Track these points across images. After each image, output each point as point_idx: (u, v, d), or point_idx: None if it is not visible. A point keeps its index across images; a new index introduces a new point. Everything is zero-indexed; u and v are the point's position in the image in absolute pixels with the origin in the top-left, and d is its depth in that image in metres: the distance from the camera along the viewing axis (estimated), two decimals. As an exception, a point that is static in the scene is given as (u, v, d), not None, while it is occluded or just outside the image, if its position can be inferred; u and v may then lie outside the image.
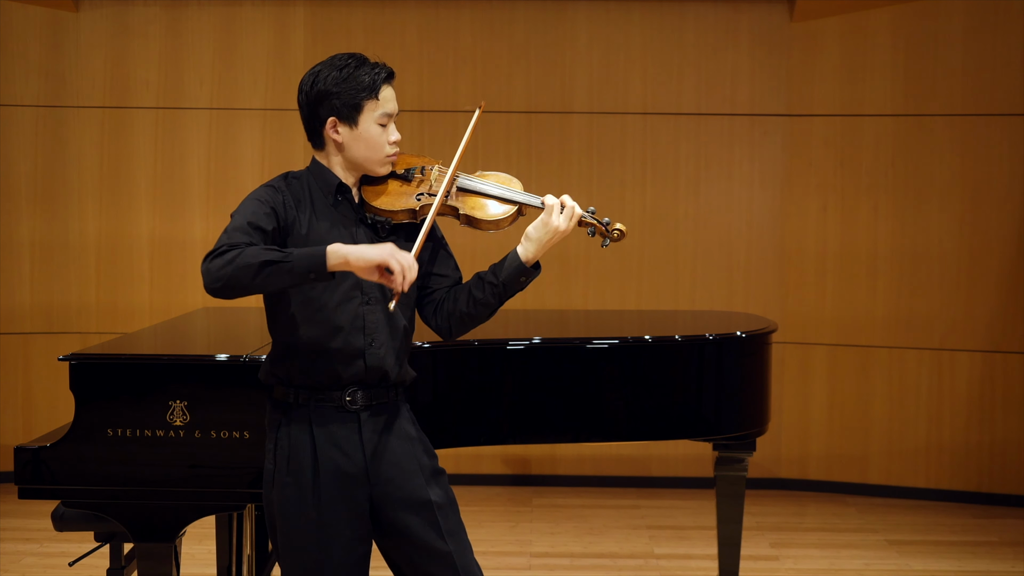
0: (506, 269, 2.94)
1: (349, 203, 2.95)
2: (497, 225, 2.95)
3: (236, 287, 2.68)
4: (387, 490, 2.92)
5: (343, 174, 2.95)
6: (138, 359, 3.48)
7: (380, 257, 2.67)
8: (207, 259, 2.70)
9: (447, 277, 3.05)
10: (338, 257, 2.68)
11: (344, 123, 2.89)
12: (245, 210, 2.83)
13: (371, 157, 2.92)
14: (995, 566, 5.47)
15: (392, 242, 2.86)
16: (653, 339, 4.04)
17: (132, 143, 6.74)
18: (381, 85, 2.90)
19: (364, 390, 2.90)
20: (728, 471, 4.39)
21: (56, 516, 3.57)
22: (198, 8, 6.72)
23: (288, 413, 2.91)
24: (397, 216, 2.94)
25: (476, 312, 2.98)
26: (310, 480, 2.88)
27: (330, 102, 2.88)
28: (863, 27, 6.56)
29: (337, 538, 2.88)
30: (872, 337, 6.62)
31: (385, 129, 2.91)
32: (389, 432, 2.94)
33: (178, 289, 6.73)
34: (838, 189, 6.65)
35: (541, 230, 2.91)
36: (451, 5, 6.73)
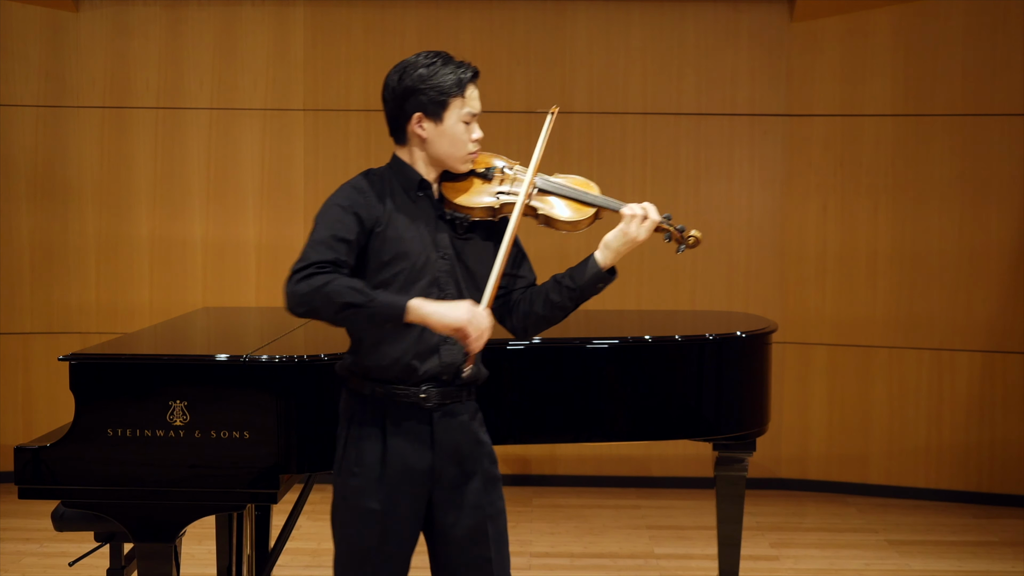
0: (583, 274, 2.99)
1: (429, 199, 2.99)
2: (575, 227, 3.00)
3: (316, 316, 2.81)
4: (447, 491, 2.98)
5: (424, 170, 2.99)
6: (138, 359, 3.48)
7: (458, 321, 2.78)
8: (293, 279, 2.78)
9: (523, 279, 3.10)
10: (416, 315, 2.79)
11: (429, 119, 2.94)
12: (328, 219, 2.89)
13: (453, 154, 2.97)
14: (995, 566, 5.47)
15: (469, 240, 2.97)
16: (653, 339, 4.04)
17: (132, 143, 6.74)
18: (468, 84, 2.96)
19: (438, 387, 2.95)
20: (728, 471, 4.39)
21: (56, 516, 3.57)
22: (198, 8, 6.72)
23: (362, 405, 2.96)
24: (475, 213, 2.98)
25: (551, 315, 3.04)
26: (377, 473, 2.93)
27: (417, 98, 2.93)
28: (863, 27, 6.56)
29: (395, 533, 2.94)
30: (872, 337, 6.62)
31: (468, 127, 2.97)
32: (460, 434, 2.99)
33: (178, 289, 6.74)
34: (838, 189, 6.65)
35: (620, 239, 2.97)
36: (451, 5, 6.73)
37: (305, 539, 5.67)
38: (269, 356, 3.43)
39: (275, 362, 3.41)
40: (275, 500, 3.43)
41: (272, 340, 3.85)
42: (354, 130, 6.75)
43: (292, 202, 6.77)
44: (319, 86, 6.75)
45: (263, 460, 3.36)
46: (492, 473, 3.04)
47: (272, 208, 6.77)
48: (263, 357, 3.42)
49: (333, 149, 6.76)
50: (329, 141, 6.76)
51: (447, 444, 2.96)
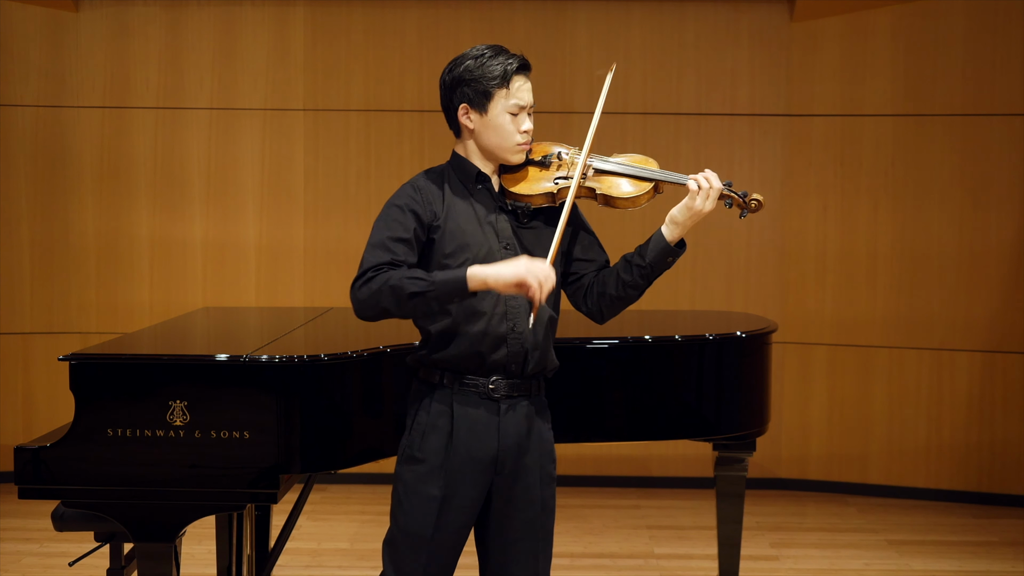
0: (652, 250, 3.04)
1: (488, 191, 3.03)
2: (634, 203, 3.04)
3: (386, 315, 2.87)
4: (508, 483, 3.03)
5: (480, 163, 3.04)
6: (138, 359, 3.48)
7: (516, 275, 2.79)
8: (354, 287, 2.85)
9: (593, 262, 3.14)
10: (477, 281, 2.81)
11: (475, 110, 2.99)
12: (385, 221, 2.94)
13: (501, 144, 3.00)
14: (995, 566, 5.47)
15: (532, 228, 3.01)
16: (653, 339, 4.04)
17: (132, 143, 6.74)
18: (512, 75, 2.99)
19: (507, 379, 2.99)
20: (728, 471, 4.39)
21: (56, 516, 3.57)
22: (198, 8, 6.72)
23: (431, 393, 3.01)
24: (535, 200, 3.01)
25: (626, 294, 3.07)
26: (441, 460, 2.98)
27: (462, 89, 2.98)
28: (863, 27, 6.56)
29: (451, 521, 2.99)
30: (872, 337, 6.62)
31: (515, 118, 3.00)
32: (527, 428, 3.04)
33: (178, 289, 6.74)
34: (838, 189, 6.65)
35: (685, 213, 3.02)
36: (451, 5, 6.73)
37: (305, 539, 5.67)
38: (269, 356, 3.43)
39: (275, 362, 3.41)
40: (275, 500, 3.43)
41: (272, 340, 3.85)
42: (354, 130, 6.75)
43: (292, 202, 6.77)
44: (319, 86, 6.75)
45: (263, 460, 3.36)
46: (550, 471, 3.12)
47: (272, 208, 6.77)
48: (263, 357, 3.42)
49: (333, 149, 6.76)
50: (329, 141, 6.76)
51: (512, 436, 3.01)
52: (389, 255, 2.88)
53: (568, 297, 3.16)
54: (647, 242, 3.05)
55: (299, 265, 6.78)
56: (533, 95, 3.05)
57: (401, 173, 6.70)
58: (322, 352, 3.48)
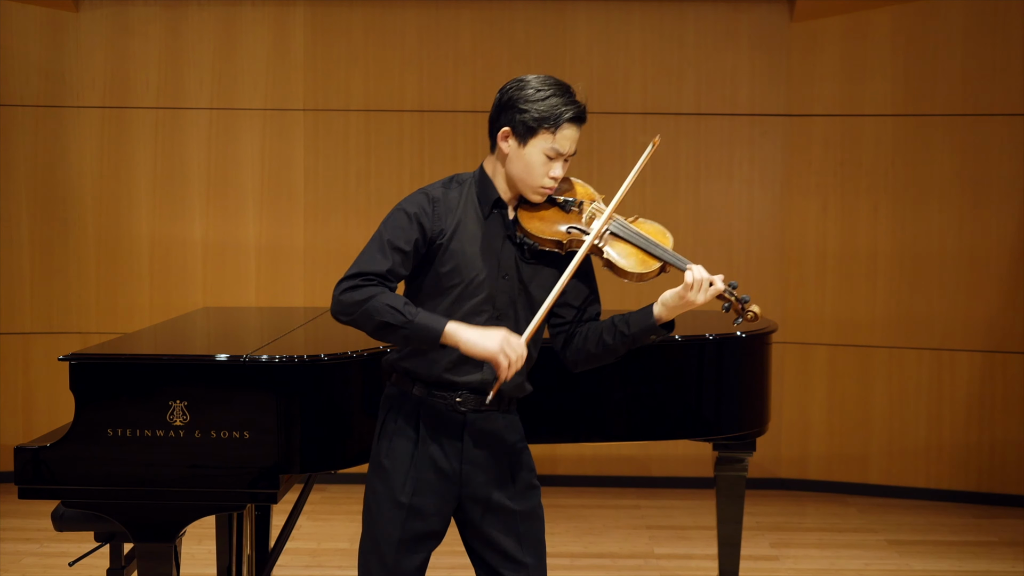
0: (637, 323, 2.99)
1: (502, 218, 3.00)
2: (639, 278, 2.99)
3: (356, 327, 2.88)
4: (475, 492, 3.01)
5: (503, 187, 3.00)
6: (138, 359, 3.48)
7: (489, 351, 2.81)
8: (342, 287, 2.85)
9: (582, 311, 3.09)
10: (452, 340, 2.83)
11: (515, 137, 2.94)
12: (390, 225, 2.93)
13: (525, 180, 2.95)
14: (995, 566, 5.47)
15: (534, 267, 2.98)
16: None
17: (132, 143, 6.74)
18: (564, 122, 2.92)
19: (475, 395, 2.98)
20: (728, 471, 4.39)
21: (56, 516, 3.57)
22: (198, 8, 6.72)
23: (400, 401, 3.01)
24: (544, 243, 2.98)
25: (602, 355, 3.04)
26: (407, 468, 2.98)
27: (511, 113, 2.94)
28: (863, 27, 6.56)
29: (417, 530, 2.99)
30: (872, 337, 6.62)
31: (550, 162, 2.94)
32: (492, 438, 3.02)
33: (178, 289, 6.74)
34: (838, 189, 6.65)
35: (676, 301, 2.96)
36: (451, 5, 6.73)
37: (305, 539, 5.67)
38: (269, 356, 3.43)
39: (275, 362, 3.41)
40: (275, 500, 3.43)
41: (272, 340, 3.85)
42: (354, 130, 6.75)
43: (292, 202, 6.77)
44: (319, 86, 6.75)
45: (263, 460, 3.36)
46: (528, 481, 3.07)
47: (272, 208, 6.77)
48: (263, 357, 3.42)
49: (333, 149, 6.76)
50: (329, 141, 6.76)
51: (478, 450, 3.00)
52: (385, 264, 2.87)
53: (550, 336, 3.13)
54: (637, 312, 3.01)
55: (299, 265, 6.78)
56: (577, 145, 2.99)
57: (401, 173, 6.70)
58: (322, 352, 3.48)
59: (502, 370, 2.81)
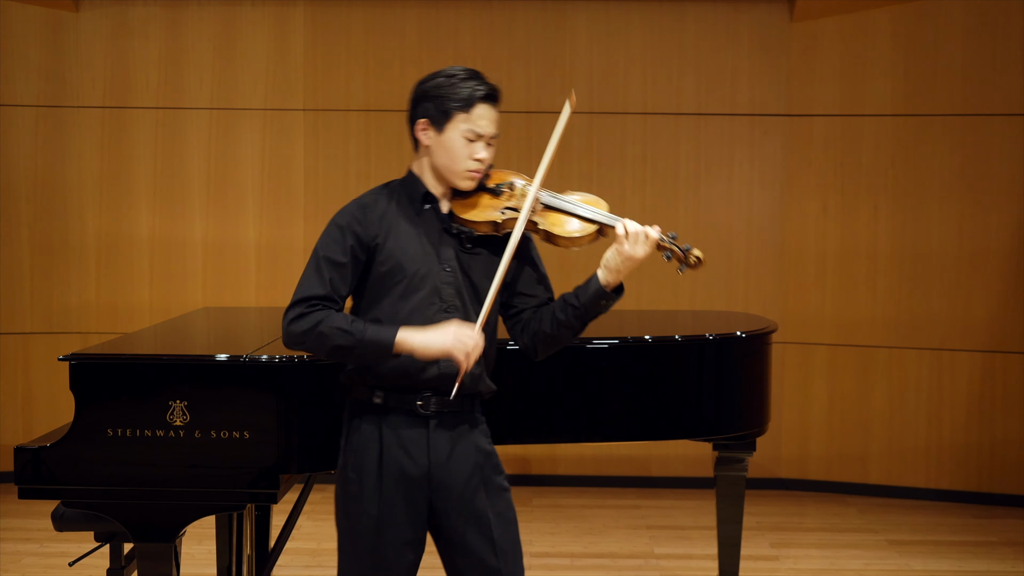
0: (587, 293, 2.98)
1: (435, 212, 3.00)
2: (575, 243, 2.98)
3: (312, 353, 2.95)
4: (446, 497, 2.97)
5: (432, 183, 3.01)
6: (138, 359, 3.48)
7: (443, 348, 2.83)
8: (288, 317, 2.89)
9: (534, 297, 3.08)
10: (405, 348, 2.85)
11: (432, 127, 2.96)
12: (324, 242, 2.95)
13: (450, 167, 2.96)
14: (995, 566, 5.47)
15: (477, 255, 2.98)
16: (653, 339, 4.03)
17: (132, 143, 6.74)
18: (477, 102, 2.93)
19: (437, 396, 2.95)
20: (728, 471, 4.39)
21: (56, 516, 3.57)
22: (198, 8, 6.72)
23: (362, 412, 2.99)
24: (479, 227, 2.98)
25: (559, 333, 3.02)
26: (374, 479, 2.95)
27: (425, 104, 2.96)
28: (863, 27, 6.56)
29: (392, 539, 2.94)
30: (872, 337, 6.62)
31: (471, 144, 2.94)
32: (458, 442, 2.98)
33: (178, 289, 6.74)
34: (838, 189, 6.65)
35: (617, 259, 2.94)
36: (451, 5, 6.73)
37: (305, 539, 5.67)
38: (269, 356, 3.43)
39: (275, 362, 3.41)
40: (275, 500, 3.43)
41: (272, 340, 3.85)
42: (354, 130, 6.75)
43: (292, 202, 6.77)
44: (319, 86, 6.75)
45: (263, 460, 3.36)
46: (497, 482, 3.02)
47: (272, 208, 6.77)
48: (263, 357, 3.42)
49: (333, 149, 6.76)
50: (329, 141, 6.76)
51: (443, 452, 2.96)
52: (324, 288, 2.88)
53: (506, 329, 3.11)
54: (584, 283, 2.98)
55: (299, 265, 6.76)
56: (497, 127, 2.98)
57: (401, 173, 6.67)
58: (322, 352, 3.47)
59: (460, 362, 2.82)
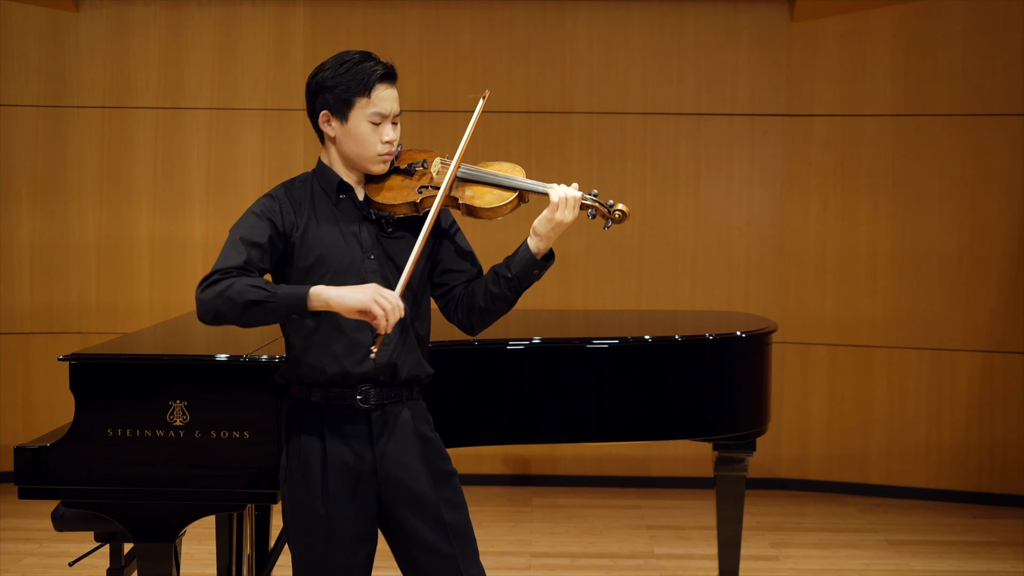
0: (518, 262, 2.92)
1: (351, 201, 2.95)
2: (496, 212, 2.93)
3: (224, 320, 2.77)
4: (394, 489, 2.94)
5: (344, 172, 2.96)
6: (138, 359, 3.48)
7: (362, 303, 2.71)
8: (200, 286, 2.76)
9: (463, 272, 3.04)
10: (319, 301, 2.73)
11: (336, 118, 2.91)
12: (241, 225, 2.87)
13: (362, 154, 2.92)
14: (995, 566, 5.47)
15: (398, 239, 2.93)
16: (653, 339, 4.03)
17: (132, 143, 6.74)
18: (375, 83, 2.89)
19: (376, 388, 2.91)
20: (728, 471, 4.39)
21: (56, 516, 3.57)
22: (198, 8, 6.72)
23: (301, 411, 2.95)
24: (398, 209, 2.94)
25: (494, 306, 2.98)
26: (319, 477, 2.91)
27: (324, 95, 2.91)
28: (863, 27, 6.56)
29: (343, 535, 2.90)
30: (872, 337, 6.62)
31: (378, 128, 2.91)
32: (400, 431, 2.95)
33: (178, 289, 6.73)
34: (838, 189, 6.65)
35: (546, 225, 2.88)
36: (451, 5, 6.73)
37: (305, 539, 5.66)
38: (269, 356, 3.43)
39: (275, 362, 3.41)
40: (275, 500, 3.43)
41: (272, 340, 3.85)
42: (354, 130, 6.74)
43: (292, 202, 6.76)
44: (319, 86, 6.74)
45: (263, 460, 3.36)
46: (444, 468, 2.99)
47: (272, 208, 6.76)
48: (263, 357, 3.42)
49: (333, 149, 6.75)
50: (329, 141, 6.75)
51: (387, 444, 2.93)
52: (241, 258, 2.79)
53: (439, 308, 3.07)
54: (514, 253, 2.93)
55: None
56: (399, 103, 2.94)
57: (401, 173, 6.70)
58: (322, 352, 3.47)
59: (379, 321, 2.71)
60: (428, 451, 2.98)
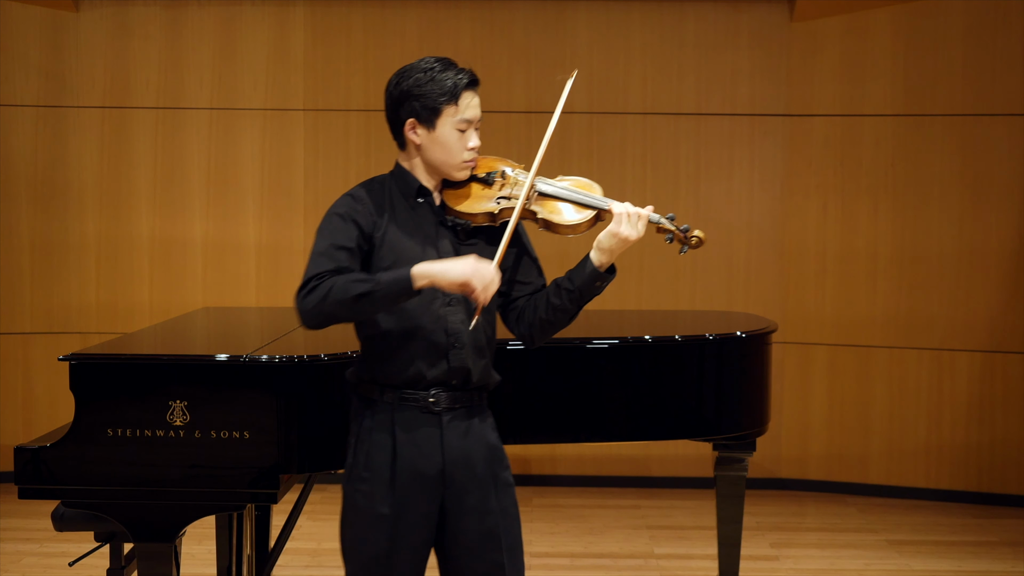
0: (580, 275, 2.96)
1: (429, 206, 2.97)
2: (574, 230, 2.96)
3: (335, 321, 2.81)
4: (459, 495, 2.95)
5: (424, 177, 2.97)
6: (138, 359, 3.48)
7: (463, 274, 2.74)
8: (299, 295, 2.79)
9: (529, 284, 3.06)
10: (423, 278, 2.76)
11: (422, 125, 2.92)
12: (327, 230, 2.89)
13: (448, 161, 2.94)
14: (995, 566, 5.47)
15: (472, 246, 2.95)
16: (653, 339, 4.04)
17: (132, 143, 6.74)
18: (462, 91, 2.92)
19: (448, 391, 2.93)
20: (728, 471, 4.39)
21: (56, 516, 3.57)
22: (198, 8, 6.72)
23: (372, 410, 2.95)
24: (476, 219, 2.96)
25: (555, 318, 3.00)
26: (387, 478, 2.91)
27: (410, 103, 2.91)
28: (863, 27, 6.56)
29: (405, 538, 2.91)
30: (872, 337, 6.62)
31: (463, 135, 2.93)
32: (470, 438, 2.97)
33: (178, 289, 6.74)
34: (838, 189, 6.65)
35: (610, 239, 2.92)
36: (451, 5, 6.73)
37: (305, 539, 5.67)
38: (269, 356, 3.43)
39: (275, 362, 3.41)
40: (275, 500, 3.43)
41: (272, 340, 3.85)
42: (354, 130, 6.75)
43: (292, 202, 6.77)
44: (319, 86, 6.75)
45: (263, 460, 3.36)
46: (505, 478, 3.03)
47: (272, 208, 6.77)
48: (263, 357, 3.42)
49: (333, 149, 6.76)
50: (329, 141, 6.76)
51: (457, 448, 2.94)
52: (332, 263, 2.82)
53: (502, 319, 3.09)
54: (577, 266, 2.96)
55: (299, 265, 6.73)
56: (481, 109, 2.98)
57: (401, 173, 6.70)
58: (322, 352, 3.48)
59: (478, 292, 2.74)
60: (494, 460, 3.01)
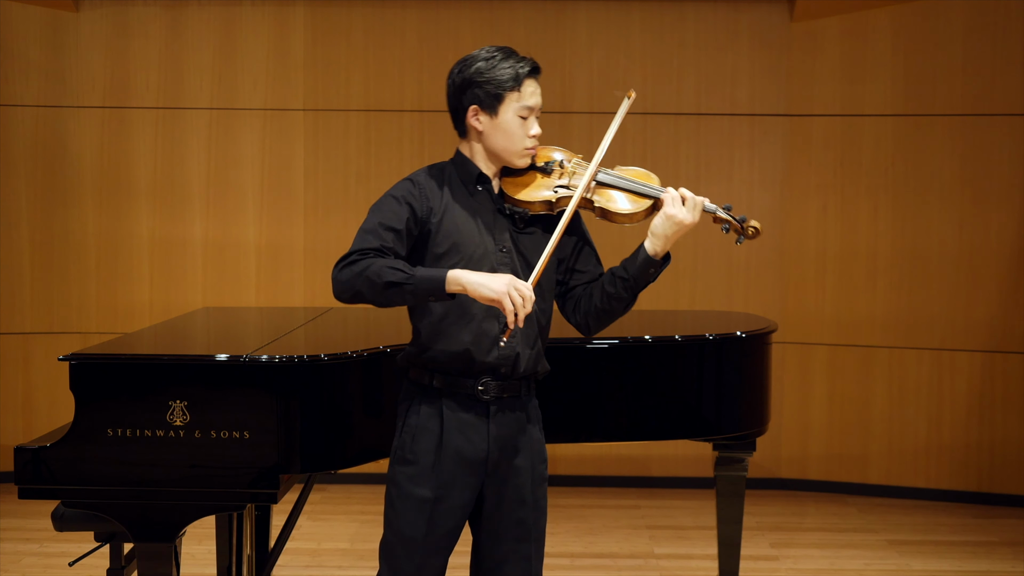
0: (635, 263, 3.00)
1: (488, 193, 3.01)
2: (631, 218, 3.00)
3: (362, 299, 2.84)
4: (499, 485, 3.01)
5: (484, 164, 3.02)
6: (138, 359, 3.48)
7: (496, 292, 2.76)
8: (338, 266, 2.83)
9: (587, 273, 3.10)
10: (456, 284, 2.79)
11: (485, 112, 2.97)
12: (380, 208, 2.94)
13: (509, 148, 2.98)
14: (995, 566, 5.47)
15: (530, 235, 2.99)
16: (653, 339, 4.04)
17: (132, 143, 6.74)
18: (524, 78, 2.97)
19: (496, 380, 2.97)
20: (728, 471, 4.39)
21: (56, 516, 3.57)
22: (198, 8, 6.72)
23: (421, 394, 3.00)
24: (534, 207, 2.99)
25: (611, 307, 3.03)
26: (432, 461, 2.96)
27: (473, 91, 2.96)
28: (863, 27, 6.57)
29: (443, 522, 2.97)
30: (872, 337, 6.62)
31: (525, 122, 2.98)
32: (516, 429, 3.02)
33: (178, 289, 6.74)
34: (838, 189, 6.65)
35: (664, 224, 2.96)
36: (451, 5, 6.73)
37: (305, 539, 5.67)
38: (269, 356, 3.43)
39: (275, 362, 3.41)
40: (275, 500, 3.43)
41: (272, 340, 3.85)
42: (354, 130, 6.75)
43: (292, 202, 6.77)
44: (319, 86, 6.75)
45: (263, 460, 3.36)
46: (541, 472, 3.07)
47: (272, 208, 6.77)
48: (263, 357, 3.42)
49: (333, 149, 6.76)
50: (329, 141, 6.76)
51: (502, 438, 2.99)
52: (378, 241, 2.86)
53: (558, 307, 3.14)
54: (632, 254, 3.02)
55: (299, 265, 6.78)
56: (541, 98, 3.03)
57: (401, 173, 6.65)
58: (322, 352, 3.48)
59: (509, 312, 2.76)
60: (533, 453, 3.05)
